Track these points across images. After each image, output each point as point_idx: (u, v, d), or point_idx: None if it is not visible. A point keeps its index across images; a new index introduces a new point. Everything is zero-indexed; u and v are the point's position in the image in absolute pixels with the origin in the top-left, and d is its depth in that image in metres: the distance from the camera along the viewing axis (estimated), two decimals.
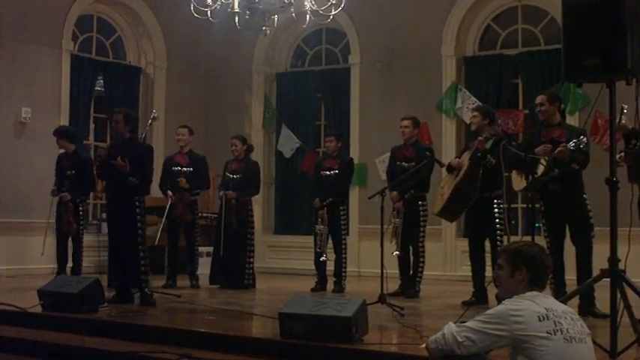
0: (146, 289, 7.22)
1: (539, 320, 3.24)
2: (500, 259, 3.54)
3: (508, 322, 3.26)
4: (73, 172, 8.91)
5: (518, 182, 6.76)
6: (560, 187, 6.53)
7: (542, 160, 6.46)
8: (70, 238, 8.98)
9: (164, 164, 9.47)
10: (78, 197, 8.98)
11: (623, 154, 6.00)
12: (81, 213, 9.09)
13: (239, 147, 9.20)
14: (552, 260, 3.57)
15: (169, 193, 9.08)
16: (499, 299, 6.94)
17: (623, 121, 5.76)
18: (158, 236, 8.95)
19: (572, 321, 3.33)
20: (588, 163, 6.59)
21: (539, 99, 6.84)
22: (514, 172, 6.86)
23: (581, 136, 6.43)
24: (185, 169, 9.19)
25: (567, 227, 6.69)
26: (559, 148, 6.35)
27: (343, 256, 8.84)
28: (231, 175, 9.14)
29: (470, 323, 3.37)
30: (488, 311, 3.41)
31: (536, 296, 3.37)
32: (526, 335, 3.22)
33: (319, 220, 8.76)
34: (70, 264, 9.01)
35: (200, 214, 10.00)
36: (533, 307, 3.29)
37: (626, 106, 5.55)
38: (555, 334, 3.23)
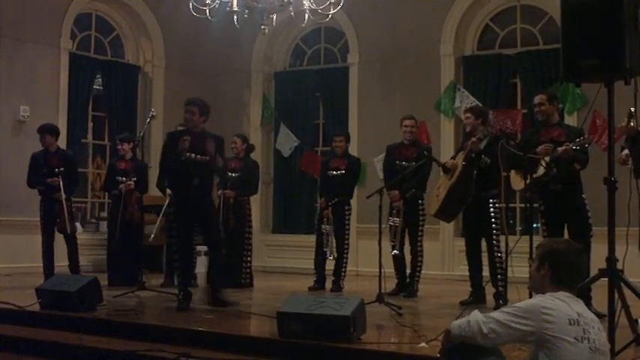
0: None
1: (570, 324, 3.19)
2: (535, 252, 3.52)
3: (538, 318, 3.20)
4: (62, 169, 8.83)
5: (518, 182, 6.76)
6: (561, 187, 6.53)
7: (543, 161, 6.45)
8: (64, 239, 8.93)
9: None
10: (70, 195, 8.95)
11: (627, 151, 6.00)
12: (74, 210, 9.09)
13: (239, 145, 9.19)
14: (585, 262, 3.52)
15: (168, 191, 9.06)
16: (496, 299, 6.99)
17: (632, 124, 5.74)
18: (152, 235, 8.96)
19: (598, 331, 3.29)
20: (588, 163, 6.60)
21: (538, 99, 6.83)
22: (513, 171, 6.86)
23: (584, 136, 6.44)
24: None
25: (566, 227, 6.69)
26: (563, 148, 6.35)
27: (345, 255, 8.84)
28: (229, 174, 9.14)
29: (497, 315, 3.30)
30: (519, 304, 3.34)
31: (568, 297, 3.31)
32: (553, 336, 3.17)
33: (324, 219, 8.75)
34: (60, 263, 8.95)
35: None
36: (566, 309, 3.23)
37: (633, 109, 5.52)
38: (582, 342, 3.18)
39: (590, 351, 3.19)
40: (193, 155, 6.82)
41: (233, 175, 9.10)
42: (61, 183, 8.60)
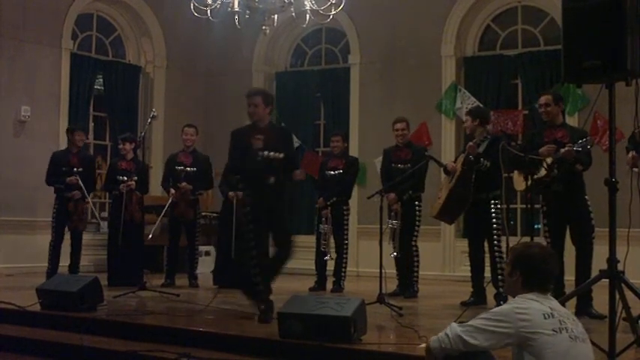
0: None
1: (545, 318, 3.25)
2: (508, 257, 3.57)
3: (513, 319, 3.26)
4: (80, 169, 8.91)
5: (520, 183, 6.75)
6: (563, 188, 6.52)
7: (544, 162, 6.44)
8: (70, 238, 8.96)
9: (167, 162, 9.46)
10: (88, 195, 9.02)
11: (633, 152, 5.99)
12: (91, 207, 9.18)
13: None
14: (556, 265, 3.54)
15: (172, 191, 9.07)
16: (497, 299, 6.99)
17: None
18: (151, 234, 8.96)
19: (574, 322, 3.35)
20: (591, 164, 6.59)
21: (543, 99, 6.79)
22: (515, 172, 6.85)
23: (587, 138, 6.43)
24: (189, 168, 9.17)
25: (568, 228, 6.68)
26: (565, 149, 6.34)
27: (344, 255, 8.84)
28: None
29: (474, 322, 3.36)
30: (493, 309, 3.41)
31: (539, 296, 3.37)
32: (532, 332, 3.22)
33: (323, 219, 8.76)
34: (62, 263, 8.97)
35: (200, 213, 9.98)
36: (538, 305, 3.30)
37: None
38: (561, 333, 3.24)
39: (570, 339, 3.25)
40: (267, 153, 6.22)
41: None
42: (80, 182, 8.74)
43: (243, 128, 6.59)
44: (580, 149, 6.31)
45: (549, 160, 6.46)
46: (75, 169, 8.86)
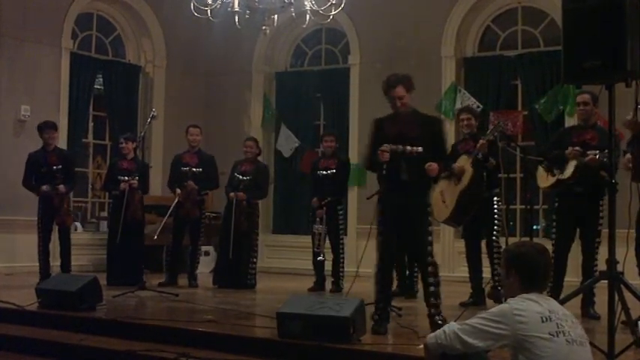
0: None
1: (542, 321, 3.23)
2: (502, 258, 3.57)
3: (511, 321, 3.24)
4: (60, 167, 8.88)
5: (544, 179, 6.70)
6: (583, 190, 6.46)
7: (570, 163, 6.41)
8: (58, 235, 8.93)
9: (173, 163, 9.44)
10: (68, 192, 8.99)
11: (629, 155, 5.98)
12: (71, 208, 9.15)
13: (255, 149, 9.22)
14: (550, 260, 3.54)
15: (178, 191, 9.05)
16: (493, 299, 6.97)
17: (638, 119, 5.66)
18: (156, 235, 8.94)
19: (572, 324, 3.33)
20: (617, 170, 6.54)
21: (582, 98, 6.63)
22: (540, 168, 6.80)
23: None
24: (195, 169, 9.16)
25: (578, 230, 6.64)
26: (590, 157, 6.28)
27: (341, 255, 8.84)
28: (240, 177, 9.12)
29: (472, 321, 3.35)
30: (492, 309, 3.39)
31: (539, 297, 3.35)
32: (528, 335, 3.21)
33: (317, 219, 8.76)
34: (55, 263, 8.95)
35: (205, 213, 9.98)
36: (537, 307, 3.28)
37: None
38: (558, 336, 3.22)
39: (567, 343, 3.23)
40: (396, 147, 5.67)
41: (245, 178, 9.09)
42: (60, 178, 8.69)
43: (385, 118, 6.16)
44: (605, 159, 6.16)
45: (573, 162, 6.41)
46: (54, 168, 8.77)
